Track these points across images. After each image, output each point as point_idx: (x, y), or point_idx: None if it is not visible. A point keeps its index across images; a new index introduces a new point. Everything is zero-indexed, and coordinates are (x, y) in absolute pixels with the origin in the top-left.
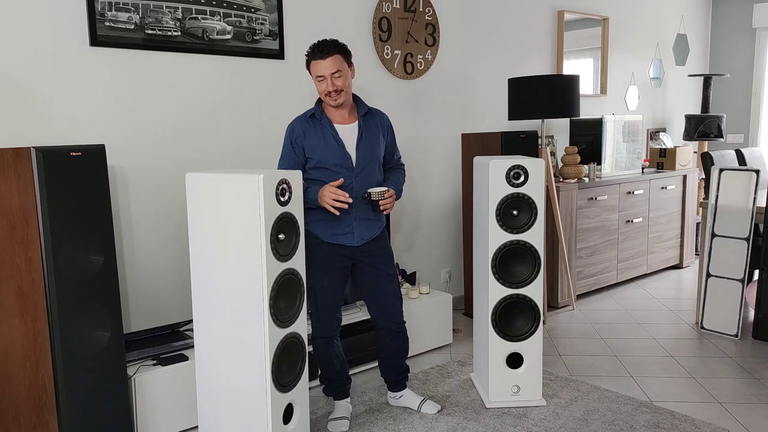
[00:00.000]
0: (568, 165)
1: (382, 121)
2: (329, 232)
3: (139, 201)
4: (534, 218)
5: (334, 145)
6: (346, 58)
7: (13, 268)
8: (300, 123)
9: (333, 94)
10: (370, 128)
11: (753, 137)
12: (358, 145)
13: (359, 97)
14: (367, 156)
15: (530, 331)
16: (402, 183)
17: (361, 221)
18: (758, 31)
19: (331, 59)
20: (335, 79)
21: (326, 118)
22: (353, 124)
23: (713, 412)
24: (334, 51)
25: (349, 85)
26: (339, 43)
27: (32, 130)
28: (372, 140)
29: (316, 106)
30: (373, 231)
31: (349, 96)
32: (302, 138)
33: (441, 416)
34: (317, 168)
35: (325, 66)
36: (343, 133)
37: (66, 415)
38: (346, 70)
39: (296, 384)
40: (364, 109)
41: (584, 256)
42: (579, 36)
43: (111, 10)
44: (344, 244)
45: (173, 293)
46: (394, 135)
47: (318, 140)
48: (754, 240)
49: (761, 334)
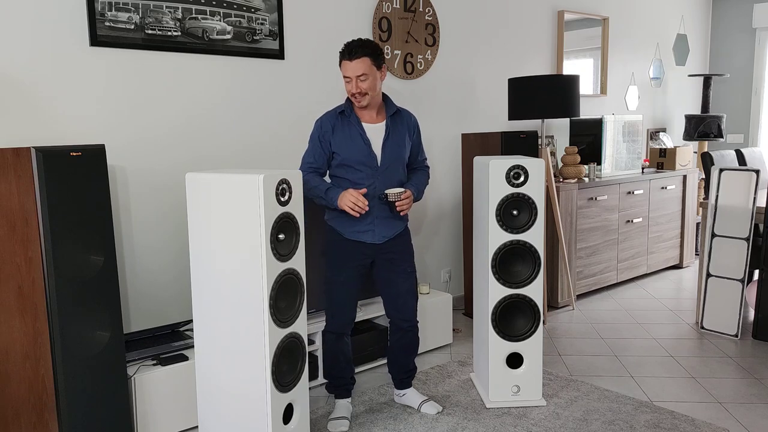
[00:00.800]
0: (568, 165)
1: (409, 122)
2: (350, 229)
3: (139, 201)
4: (534, 218)
5: (361, 144)
6: (375, 61)
7: (13, 268)
8: (329, 118)
9: (357, 96)
10: (397, 129)
11: (753, 137)
12: (384, 145)
13: (389, 97)
14: (392, 156)
15: (530, 331)
16: (424, 184)
17: (382, 219)
18: (758, 31)
19: (359, 61)
20: (360, 82)
21: (355, 116)
22: (381, 123)
23: (713, 412)
24: (363, 54)
25: (375, 87)
26: (371, 45)
27: (32, 130)
28: (398, 141)
29: (347, 103)
30: (395, 229)
31: (376, 98)
32: (330, 133)
33: (441, 416)
34: (342, 165)
35: (351, 67)
36: (370, 132)
37: (66, 415)
38: (374, 74)
39: (296, 384)
40: (392, 109)
41: (584, 256)
42: (579, 36)
43: (111, 10)
44: (365, 242)
45: (173, 293)
46: (421, 136)
47: (345, 137)
48: (754, 240)
49: (761, 334)
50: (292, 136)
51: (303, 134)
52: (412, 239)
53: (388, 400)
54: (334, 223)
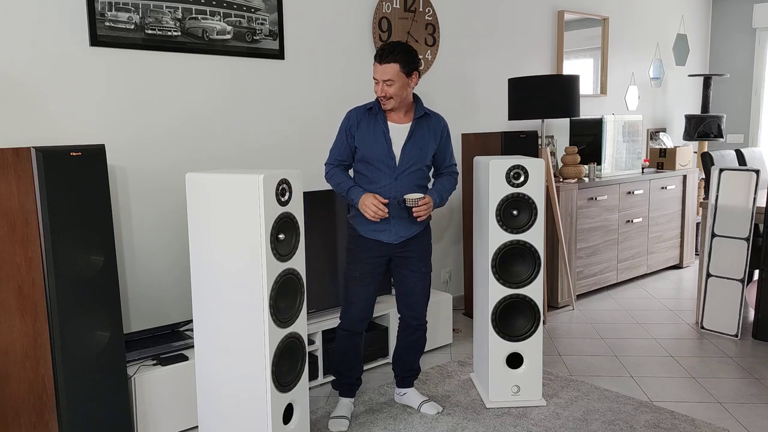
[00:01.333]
0: (568, 165)
1: (437, 126)
2: (368, 227)
3: (139, 201)
4: (534, 218)
5: (382, 142)
6: (405, 67)
7: (13, 268)
8: (357, 113)
9: (382, 99)
10: (422, 131)
11: (753, 137)
12: (405, 147)
13: (420, 100)
14: (412, 158)
15: (530, 331)
16: (448, 191)
17: (399, 219)
18: (758, 31)
19: (388, 66)
20: (386, 86)
21: (382, 114)
22: (407, 124)
23: (713, 412)
24: (393, 59)
25: (401, 94)
26: (403, 50)
27: (32, 130)
28: (421, 144)
29: (377, 101)
30: (412, 229)
31: (404, 101)
32: (355, 127)
33: (441, 416)
34: (362, 161)
35: (380, 71)
36: (394, 131)
37: (66, 415)
38: (402, 80)
39: (296, 384)
40: (421, 111)
41: (584, 256)
42: (579, 36)
43: (111, 10)
44: (381, 241)
45: (173, 293)
46: (450, 141)
47: (369, 133)
48: (754, 240)
49: (761, 334)
50: (292, 136)
51: (303, 134)
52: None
53: (388, 400)
54: (354, 221)
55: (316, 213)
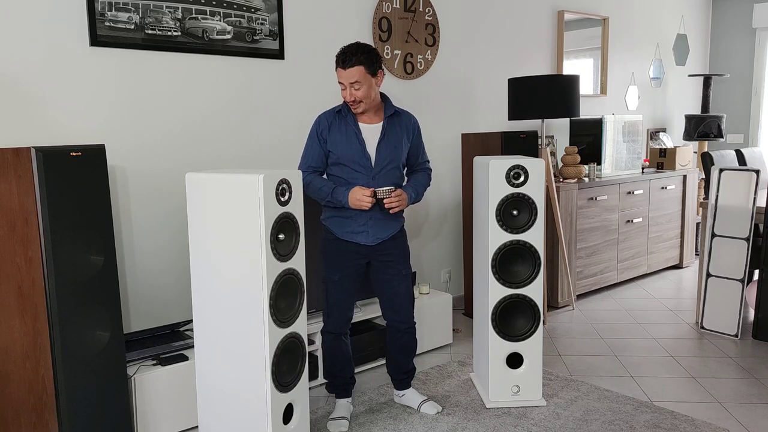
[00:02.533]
0: (568, 165)
1: (408, 124)
2: (343, 229)
3: (139, 201)
4: (534, 218)
5: (356, 143)
6: (369, 68)
7: (13, 268)
8: (326, 116)
9: (352, 104)
10: (394, 130)
11: (753, 137)
12: (379, 146)
13: (388, 98)
14: (387, 157)
15: (530, 331)
16: (423, 186)
17: (376, 221)
18: (758, 31)
19: (352, 70)
20: (354, 90)
21: (352, 116)
22: (378, 124)
23: (713, 412)
24: (357, 62)
25: (370, 95)
26: (364, 51)
27: (32, 130)
28: (394, 142)
29: (345, 103)
30: (389, 231)
31: (373, 102)
32: (327, 131)
33: (441, 416)
34: (338, 164)
35: (345, 76)
36: (366, 132)
37: (66, 415)
38: (368, 81)
39: (296, 384)
40: (390, 110)
41: (584, 256)
42: (579, 36)
43: (111, 10)
44: (359, 243)
45: (173, 293)
46: (421, 138)
47: (341, 136)
48: (754, 240)
49: (761, 334)
50: (292, 135)
51: (303, 134)
52: (408, 240)
53: (388, 400)
54: (328, 223)
55: (316, 213)
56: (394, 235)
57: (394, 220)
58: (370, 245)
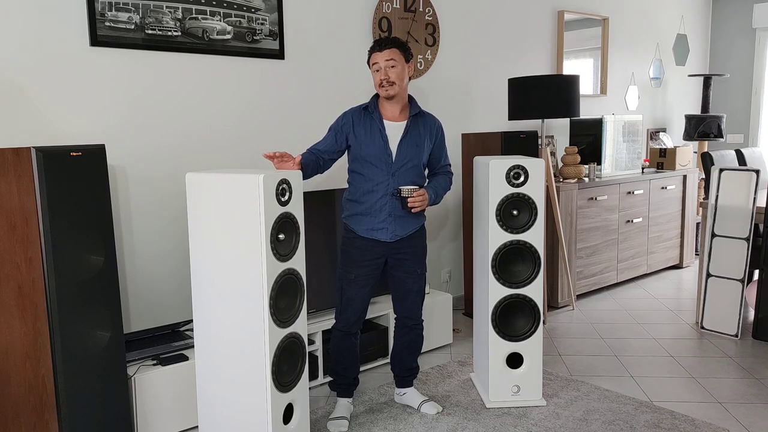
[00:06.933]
0: (568, 165)
1: (432, 126)
2: (365, 227)
3: (139, 201)
4: (534, 218)
5: (378, 139)
6: (404, 53)
7: (13, 268)
8: (353, 113)
9: (385, 84)
10: (417, 129)
11: (753, 137)
12: (401, 143)
13: (414, 99)
14: (408, 155)
15: (530, 331)
16: (444, 189)
17: (396, 218)
18: (758, 31)
19: (388, 51)
20: (389, 69)
21: (378, 113)
22: (402, 122)
23: (713, 412)
24: (393, 44)
25: (403, 78)
26: (401, 40)
27: (32, 130)
28: (416, 141)
29: (372, 100)
30: (408, 229)
31: (403, 92)
32: (350, 127)
33: (441, 416)
34: (358, 160)
35: (381, 56)
36: (390, 129)
37: (66, 415)
38: (402, 64)
39: (296, 384)
40: (415, 110)
41: (584, 256)
42: (579, 36)
43: (111, 10)
44: (379, 240)
45: (173, 293)
46: (444, 141)
47: (365, 132)
48: (754, 240)
49: (761, 334)
50: (292, 135)
51: (303, 134)
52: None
53: (388, 400)
54: (349, 221)
55: (316, 213)
56: (413, 234)
57: (414, 218)
58: (389, 242)
